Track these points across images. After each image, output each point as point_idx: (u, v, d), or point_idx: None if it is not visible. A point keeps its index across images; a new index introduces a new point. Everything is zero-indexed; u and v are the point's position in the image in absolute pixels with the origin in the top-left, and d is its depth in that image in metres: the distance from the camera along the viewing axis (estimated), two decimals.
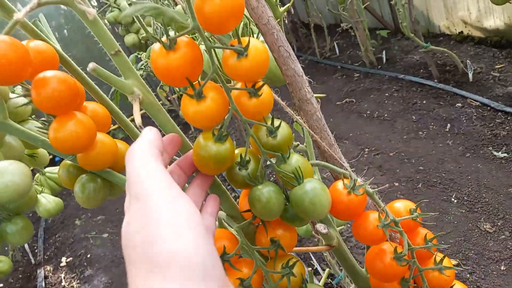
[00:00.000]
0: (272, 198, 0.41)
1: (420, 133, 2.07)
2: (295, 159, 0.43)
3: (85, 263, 2.17)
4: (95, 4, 3.43)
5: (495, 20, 2.36)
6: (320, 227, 0.49)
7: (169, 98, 2.05)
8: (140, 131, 0.41)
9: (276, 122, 0.42)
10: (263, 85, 0.41)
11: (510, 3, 1.66)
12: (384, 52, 2.89)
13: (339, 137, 2.32)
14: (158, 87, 1.89)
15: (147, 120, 0.40)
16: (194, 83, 0.39)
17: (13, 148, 0.58)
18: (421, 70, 2.57)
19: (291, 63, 0.51)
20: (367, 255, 0.50)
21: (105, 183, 0.56)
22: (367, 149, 2.12)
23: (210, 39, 0.55)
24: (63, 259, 2.26)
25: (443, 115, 2.10)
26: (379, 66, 2.87)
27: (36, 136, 0.53)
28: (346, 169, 0.49)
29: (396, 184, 1.82)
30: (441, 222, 1.54)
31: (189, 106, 0.40)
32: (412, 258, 0.52)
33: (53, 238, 2.51)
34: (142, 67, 1.37)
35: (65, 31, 3.61)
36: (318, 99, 0.53)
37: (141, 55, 1.38)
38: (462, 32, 2.64)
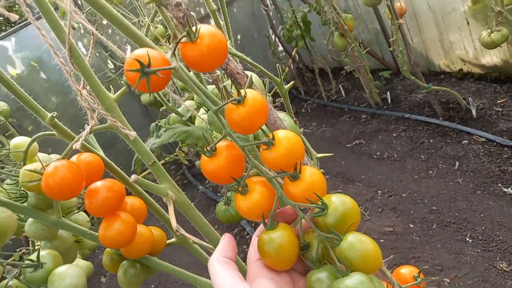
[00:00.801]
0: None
1: (430, 172, 2.12)
2: (348, 241, 0.42)
3: None
4: (112, 67, 3.67)
5: (491, 57, 2.46)
6: None
7: (187, 158, 2.18)
8: (177, 234, 0.50)
9: (334, 198, 0.43)
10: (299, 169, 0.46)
11: (501, 47, 1.76)
12: (388, 93, 3.00)
13: (352, 179, 2.39)
14: (177, 148, 2.01)
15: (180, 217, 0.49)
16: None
17: (64, 239, 0.68)
18: (426, 109, 2.65)
19: None
20: None
21: (143, 267, 0.64)
22: (380, 191, 2.17)
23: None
24: None
25: (451, 153, 2.15)
26: (385, 107, 2.97)
27: (85, 230, 0.63)
28: None
29: (411, 225, 1.86)
30: (458, 263, 1.57)
31: (240, 202, 0.47)
32: None
33: None
34: (162, 133, 1.48)
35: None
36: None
37: (161, 123, 1.50)
38: (461, 69, 2.74)
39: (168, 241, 0.67)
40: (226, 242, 0.47)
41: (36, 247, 0.75)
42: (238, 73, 0.64)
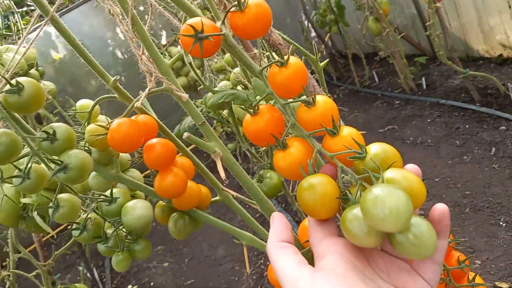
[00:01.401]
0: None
1: (465, 157, 2.09)
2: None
3: None
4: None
5: None
6: None
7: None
8: (224, 185, 0.55)
9: (373, 146, 0.45)
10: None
11: None
12: (423, 78, 2.95)
13: None
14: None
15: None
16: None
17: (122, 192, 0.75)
18: (462, 95, 2.60)
19: None
20: None
21: (191, 219, 0.71)
22: None
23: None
24: (129, 287, 2.45)
25: (487, 139, 2.12)
26: (420, 92, 2.93)
27: (140, 184, 0.70)
28: None
29: None
30: (491, 246, 1.56)
31: (279, 161, 0.50)
32: (447, 276, 0.62)
33: None
34: (202, 112, 1.56)
35: (122, 78, 4.00)
36: None
37: (197, 103, 1.57)
38: (501, 55, 2.66)
39: (213, 199, 0.73)
40: (277, 223, 0.43)
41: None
42: (280, 43, 0.68)
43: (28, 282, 1.55)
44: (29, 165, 0.52)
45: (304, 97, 0.51)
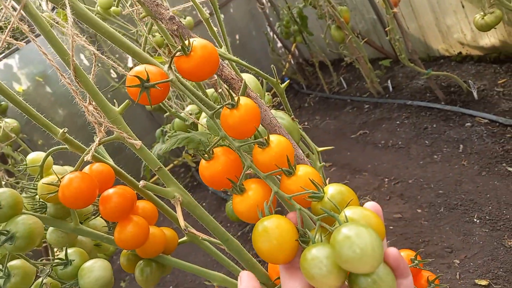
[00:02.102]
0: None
1: (435, 156, 2.14)
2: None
3: None
4: (115, 76, 3.74)
5: (489, 38, 2.46)
6: None
7: (194, 161, 2.24)
8: (186, 232, 0.54)
9: (330, 187, 0.45)
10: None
11: (495, 28, 1.77)
12: (389, 81, 3.02)
13: (358, 169, 2.42)
14: (184, 152, 2.07)
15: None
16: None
17: (84, 243, 0.72)
18: (427, 94, 2.67)
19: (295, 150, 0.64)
20: None
21: (159, 265, 0.68)
22: (386, 179, 2.19)
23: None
24: None
25: (454, 137, 2.17)
26: (387, 95, 2.99)
27: (102, 235, 0.67)
28: None
29: (419, 210, 1.88)
30: (467, 244, 1.59)
31: (237, 205, 0.49)
32: None
33: None
34: (167, 138, 1.54)
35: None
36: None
37: (166, 128, 1.55)
38: (460, 52, 2.75)
39: (180, 240, 0.71)
40: (245, 285, 0.44)
41: (56, 256, 0.79)
42: (232, 78, 0.67)
43: None
44: None
45: (258, 137, 0.50)
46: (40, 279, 0.57)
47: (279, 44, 4.28)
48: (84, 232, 0.66)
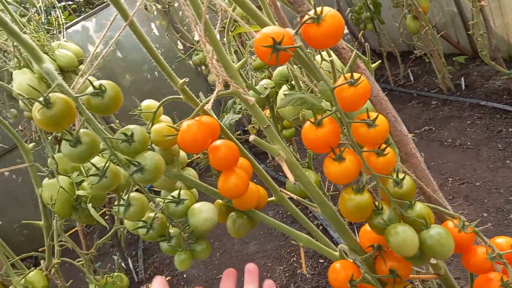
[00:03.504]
0: (408, 236, 0.53)
1: (508, 161, 2.03)
2: (419, 206, 0.55)
3: (182, 283, 2.40)
4: (181, 47, 3.85)
5: None
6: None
7: (246, 138, 2.29)
8: (295, 185, 0.56)
9: (401, 175, 0.56)
10: (386, 147, 0.55)
11: None
12: (462, 79, 2.87)
13: None
14: (249, 124, 2.11)
15: None
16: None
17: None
18: (505, 96, 2.51)
19: (398, 126, 0.65)
20: (476, 283, 0.60)
21: (249, 218, 0.72)
22: (451, 178, 2.12)
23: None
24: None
25: None
26: (458, 93, 2.85)
27: (200, 183, 0.72)
28: (450, 210, 0.61)
29: (485, 214, 1.81)
30: None
31: (331, 168, 0.54)
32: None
33: (151, 259, 2.80)
34: (240, 110, 1.57)
35: (156, 73, 4.09)
36: (422, 154, 0.65)
37: (237, 101, 1.59)
38: None
39: (269, 199, 0.74)
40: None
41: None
42: (343, 48, 0.68)
43: (64, 269, 1.61)
44: (107, 165, 0.54)
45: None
46: (153, 213, 0.62)
47: (346, 31, 4.18)
48: (186, 179, 0.70)
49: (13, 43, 1.15)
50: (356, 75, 0.53)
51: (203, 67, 3.66)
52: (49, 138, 1.16)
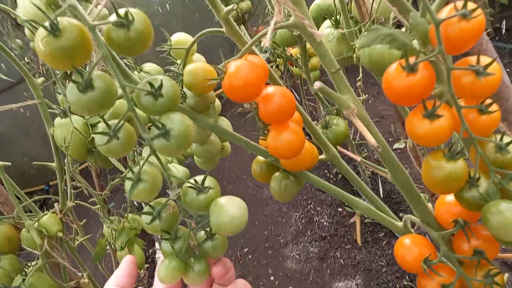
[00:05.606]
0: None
1: None
2: None
3: None
4: None
5: None
6: None
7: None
8: (377, 151, 0.45)
9: (506, 139, 0.43)
10: (492, 103, 0.42)
11: None
12: (504, 22, 2.63)
13: None
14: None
15: None
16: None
17: (215, 144, 0.67)
18: None
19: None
20: None
21: (297, 180, 0.61)
22: None
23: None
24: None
25: None
26: (497, 38, 2.62)
27: (242, 138, 0.60)
28: None
29: None
30: None
31: (420, 126, 0.42)
32: None
33: None
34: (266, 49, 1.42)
35: (167, 5, 3.81)
36: None
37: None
38: None
39: (320, 157, 0.63)
40: (123, 267, 0.46)
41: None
42: None
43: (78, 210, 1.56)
44: (121, 123, 0.40)
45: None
46: (163, 199, 0.45)
47: None
48: (222, 131, 0.59)
49: None
50: (470, 5, 0.39)
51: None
52: (59, 73, 1.04)
